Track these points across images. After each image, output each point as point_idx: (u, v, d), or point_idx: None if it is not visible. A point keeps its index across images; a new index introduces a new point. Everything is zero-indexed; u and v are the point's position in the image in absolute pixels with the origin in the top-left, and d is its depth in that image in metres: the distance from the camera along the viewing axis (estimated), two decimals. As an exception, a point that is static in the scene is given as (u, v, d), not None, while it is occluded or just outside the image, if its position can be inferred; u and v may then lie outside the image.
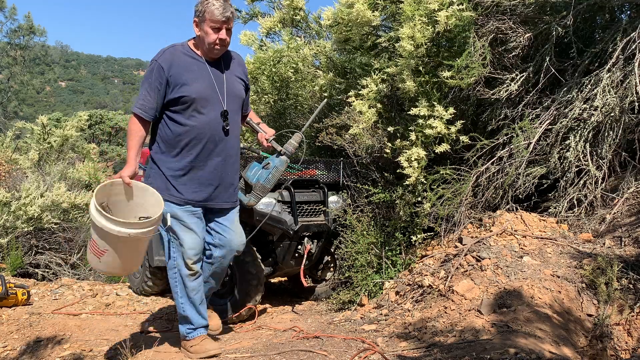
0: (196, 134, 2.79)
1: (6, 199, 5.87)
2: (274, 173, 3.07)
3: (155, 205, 2.66)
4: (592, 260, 3.03)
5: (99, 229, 2.50)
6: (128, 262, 2.68)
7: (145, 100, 2.76)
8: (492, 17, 3.88)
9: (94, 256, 2.62)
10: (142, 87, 2.79)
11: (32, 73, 28.28)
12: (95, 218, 2.49)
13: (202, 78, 2.81)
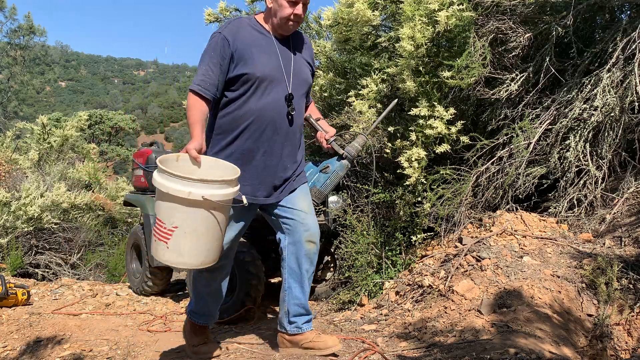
0: (255, 118, 2.48)
1: (6, 199, 5.87)
2: (332, 178, 2.76)
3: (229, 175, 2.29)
4: (592, 260, 3.03)
5: (166, 197, 2.12)
6: (204, 243, 2.21)
7: (206, 76, 2.45)
8: (492, 17, 3.88)
9: (159, 243, 2.19)
10: (201, 63, 2.48)
11: (32, 73, 28.30)
12: (161, 183, 2.11)
13: (268, 55, 2.51)
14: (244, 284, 3.45)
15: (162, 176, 2.13)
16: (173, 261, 2.20)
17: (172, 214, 2.12)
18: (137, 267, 4.73)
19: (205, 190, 2.09)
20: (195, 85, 2.45)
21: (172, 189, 2.08)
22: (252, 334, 3.26)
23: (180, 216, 2.12)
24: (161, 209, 2.16)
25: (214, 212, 2.16)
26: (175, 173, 2.09)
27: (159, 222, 2.17)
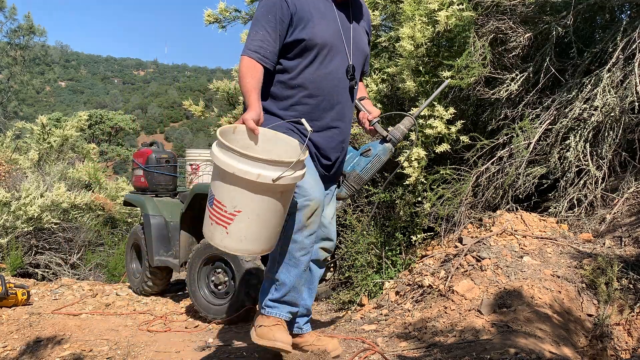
0: (311, 90, 2.25)
1: (6, 199, 5.87)
2: (374, 162, 2.48)
3: (292, 153, 2.07)
4: (592, 260, 3.03)
5: (229, 177, 1.90)
6: (268, 228, 2.01)
7: (264, 42, 2.18)
8: (492, 17, 3.88)
9: (217, 227, 1.98)
10: (256, 26, 2.21)
11: (32, 73, 28.31)
12: (225, 162, 1.90)
13: (328, 21, 2.27)
14: (244, 284, 3.45)
15: (225, 154, 1.90)
16: (232, 247, 2.02)
17: (235, 197, 1.92)
18: (137, 267, 4.73)
19: (276, 172, 1.88)
20: (251, 52, 2.18)
21: (238, 170, 1.86)
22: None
23: (245, 200, 1.91)
24: (222, 190, 1.94)
25: (281, 195, 1.97)
26: (243, 152, 1.87)
27: (217, 204, 1.95)
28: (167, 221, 4.41)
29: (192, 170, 4.80)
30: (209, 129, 7.90)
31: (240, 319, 3.52)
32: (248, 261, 3.48)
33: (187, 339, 3.21)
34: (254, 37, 2.20)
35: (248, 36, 2.23)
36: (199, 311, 3.66)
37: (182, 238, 4.10)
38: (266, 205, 1.95)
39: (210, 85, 7.22)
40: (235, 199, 1.93)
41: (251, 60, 2.18)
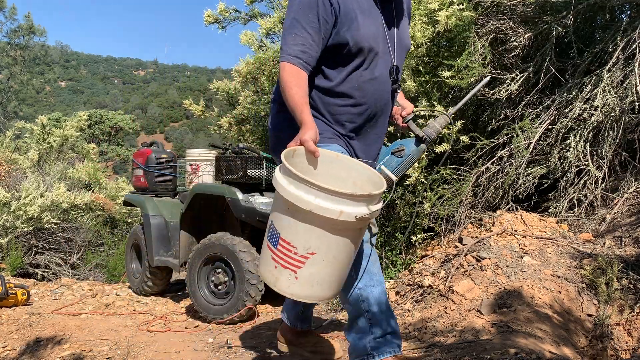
0: (357, 100, 2.04)
1: (6, 199, 5.87)
2: (406, 163, 2.28)
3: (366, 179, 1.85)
4: (592, 260, 3.03)
5: (304, 215, 1.64)
6: (343, 270, 1.78)
7: (306, 46, 1.91)
8: (492, 17, 3.88)
9: (284, 271, 1.72)
10: (294, 27, 1.92)
11: (32, 73, 28.33)
12: (299, 196, 1.63)
13: (373, 19, 2.01)
14: (244, 284, 3.45)
15: (298, 186, 1.64)
16: (301, 294, 1.74)
17: (309, 237, 1.66)
18: (136, 267, 4.73)
19: (359, 207, 1.64)
20: (293, 58, 1.90)
21: (316, 207, 1.60)
22: (252, 334, 3.26)
23: (321, 240, 1.66)
24: (292, 229, 1.68)
25: (360, 231, 1.75)
26: (323, 185, 1.60)
27: (285, 245, 1.69)
28: (167, 221, 4.41)
29: (192, 170, 4.80)
30: (209, 129, 7.90)
31: (241, 318, 3.52)
32: (248, 261, 3.48)
33: (187, 339, 3.21)
34: (294, 40, 1.91)
35: (284, 38, 1.95)
36: (199, 311, 3.66)
37: (182, 238, 4.10)
38: (343, 245, 1.70)
39: (210, 85, 7.22)
40: (309, 240, 1.67)
41: (294, 67, 1.90)
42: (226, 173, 3.82)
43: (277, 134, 2.10)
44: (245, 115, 6.19)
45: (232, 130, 6.48)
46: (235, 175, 3.74)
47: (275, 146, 2.11)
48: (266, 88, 5.50)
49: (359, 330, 1.95)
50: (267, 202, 3.67)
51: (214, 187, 3.97)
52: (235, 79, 6.22)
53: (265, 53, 5.44)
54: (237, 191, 3.64)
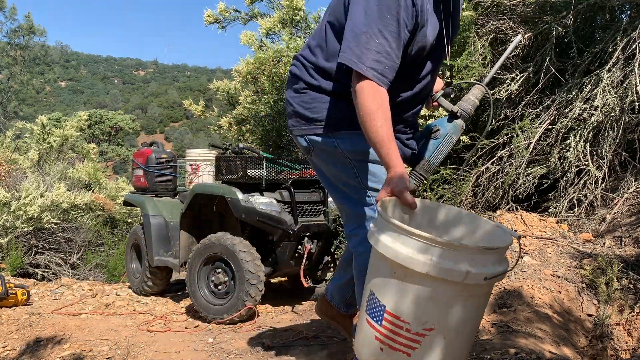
0: (409, 106, 1.91)
1: (6, 199, 5.88)
2: (445, 144, 2.02)
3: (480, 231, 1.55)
4: (592, 260, 3.03)
5: (418, 280, 1.33)
6: (468, 344, 1.47)
7: (387, 57, 1.62)
8: (492, 16, 3.88)
9: (392, 352, 1.40)
10: (370, 33, 1.62)
11: (32, 73, 28.35)
12: (410, 256, 1.33)
13: (436, 15, 1.79)
14: (244, 284, 3.45)
15: (406, 242, 1.34)
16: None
17: (426, 308, 1.34)
18: (136, 267, 4.73)
19: (486, 265, 1.32)
20: (373, 73, 1.61)
21: (435, 268, 1.29)
22: (252, 334, 3.26)
23: (441, 311, 1.34)
24: (401, 300, 1.36)
25: (487, 294, 1.45)
26: (442, 240, 1.30)
27: (394, 320, 1.36)
28: (167, 221, 4.41)
29: (192, 170, 4.80)
30: (209, 129, 7.90)
31: (241, 318, 3.52)
32: (248, 261, 3.48)
33: (187, 339, 3.21)
34: (369, 48, 1.61)
35: (353, 41, 1.64)
36: (199, 311, 3.66)
37: (182, 238, 4.10)
38: (469, 315, 1.38)
39: (210, 85, 7.22)
40: (426, 312, 1.34)
41: (373, 85, 1.61)
42: (226, 173, 3.82)
43: (305, 113, 1.91)
44: (245, 115, 6.20)
45: (232, 130, 6.48)
46: (235, 175, 3.74)
47: (297, 126, 1.95)
48: (266, 88, 5.50)
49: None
50: (266, 202, 3.67)
51: (214, 187, 3.97)
52: (235, 79, 6.22)
53: (265, 53, 5.45)
54: (237, 191, 3.64)
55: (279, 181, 3.80)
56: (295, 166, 3.94)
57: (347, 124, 1.84)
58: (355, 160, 1.88)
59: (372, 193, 1.86)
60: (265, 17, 6.27)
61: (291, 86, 2.00)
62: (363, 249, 1.82)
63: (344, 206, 1.98)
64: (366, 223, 1.86)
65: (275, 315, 3.79)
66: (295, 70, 1.99)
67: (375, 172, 1.87)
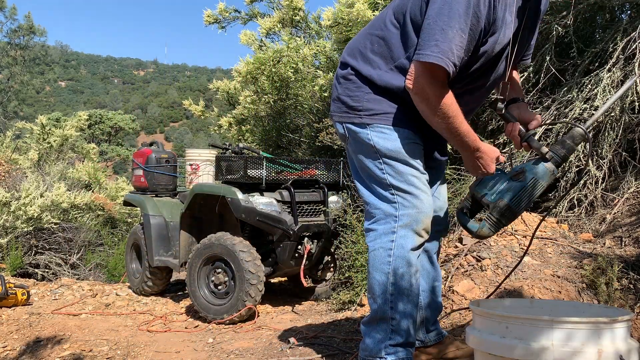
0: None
1: (6, 199, 5.88)
2: (529, 189, 1.85)
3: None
4: (592, 260, 3.03)
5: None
6: None
7: (457, 46, 1.64)
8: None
9: None
10: (448, 22, 1.63)
11: (32, 73, 28.36)
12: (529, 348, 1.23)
13: (513, 16, 1.77)
14: (244, 284, 3.45)
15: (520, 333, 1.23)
16: None
17: None
18: (136, 267, 4.73)
19: (616, 340, 1.19)
20: (442, 58, 1.63)
21: (559, 352, 1.16)
22: (252, 334, 3.26)
23: None
24: None
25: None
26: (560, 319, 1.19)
27: None
28: (167, 221, 4.41)
29: (192, 170, 4.80)
30: (209, 129, 7.91)
31: (241, 319, 3.52)
32: (248, 261, 3.48)
33: (187, 339, 3.21)
34: (444, 37, 1.64)
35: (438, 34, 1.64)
36: (199, 311, 3.66)
37: (182, 238, 4.10)
38: None
39: (210, 85, 7.23)
40: None
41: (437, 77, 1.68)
42: (226, 173, 3.82)
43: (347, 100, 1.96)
44: (245, 115, 6.20)
45: (232, 130, 6.48)
46: (235, 175, 3.74)
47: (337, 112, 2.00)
48: (266, 88, 5.50)
49: (378, 331, 1.91)
50: (266, 202, 3.67)
51: (214, 187, 3.97)
52: (235, 79, 6.23)
53: (265, 53, 5.45)
54: (237, 191, 3.64)
55: (279, 181, 3.80)
56: (295, 166, 3.94)
57: (383, 118, 1.88)
58: (384, 156, 1.89)
59: (396, 192, 1.88)
60: (265, 17, 6.28)
61: (340, 71, 2.02)
62: (379, 246, 1.88)
63: (366, 199, 1.98)
64: (384, 219, 1.88)
65: (275, 315, 3.79)
66: (345, 57, 2.01)
67: (402, 172, 1.88)
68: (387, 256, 1.85)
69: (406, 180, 1.87)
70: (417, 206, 1.86)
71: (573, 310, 1.53)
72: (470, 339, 1.38)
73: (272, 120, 5.77)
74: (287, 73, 5.32)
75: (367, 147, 1.91)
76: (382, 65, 1.88)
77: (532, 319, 1.22)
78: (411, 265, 1.86)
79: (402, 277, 1.85)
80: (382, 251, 1.86)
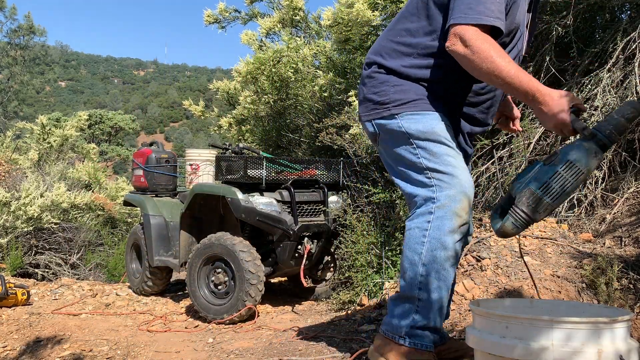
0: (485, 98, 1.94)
1: (6, 199, 5.88)
2: (562, 174, 1.57)
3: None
4: (592, 260, 3.03)
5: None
6: None
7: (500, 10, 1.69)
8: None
9: None
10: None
11: (32, 73, 28.34)
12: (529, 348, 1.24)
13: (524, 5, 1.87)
14: (244, 284, 3.45)
15: (519, 333, 1.25)
16: None
17: None
18: (136, 267, 4.73)
19: (616, 340, 1.20)
20: (489, 18, 1.64)
21: (559, 352, 1.17)
22: (252, 334, 3.26)
23: None
24: None
25: None
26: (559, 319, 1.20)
27: None
28: (167, 221, 4.41)
29: (192, 170, 4.80)
30: (209, 129, 7.91)
31: (241, 318, 3.52)
32: (248, 261, 3.48)
33: (187, 339, 3.21)
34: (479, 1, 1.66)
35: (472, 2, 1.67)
36: (199, 311, 3.66)
37: (182, 238, 4.10)
38: None
39: (210, 85, 7.22)
40: None
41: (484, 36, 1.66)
42: (226, 173, 3.82)
43: (373, 97, 1.96)
44: (245, 115, 6.20)
45: (232, 130, 6.48)
46: (235, 175, 3.74)
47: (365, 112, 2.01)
48: (266, 88, 5.50)
49: (403, 309, 1.87)
50: (266, 202, 3.67)
51: (214, 187, 3.97)
52: (235, 79, 6.23)
53: (265, 53, 5.45)
54: (237, 191, 3.64)
55: (279, 181, 3.80)
56: (295, 166, 3.94)
57: (411, 106, 1.88)
58: (417, 139, 1.87)
59: (432, 174, 1.83)
60: (265, 17, 6.28)
61: (364, 72, 2.05)
62: (415, 225, 1.84)
63: (405, 190, 1.94)
64: (424, 205, 1.83)
65: (275, 315, 3.79)
66: (369, 57, 2.04)
67: (437, 152, 1.85)
68: (422, 236, 1.80)
69: (442, 161, 1.83)
70: (455, 186, 1.79)
71: (573, 310, 1.53)
72: (470, 339, 1.37)
73: (272, 120, 5.78)
74: (287, 73, 5.32)
75: (398, 135, 1.90)
76: (407, 55, 1.91)
77: (532, 319, 1.23)
78: (446, 248, 1.78)
79: (435, 259, 1.78)
80: (417, 231, 1.82)
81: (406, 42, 1.92)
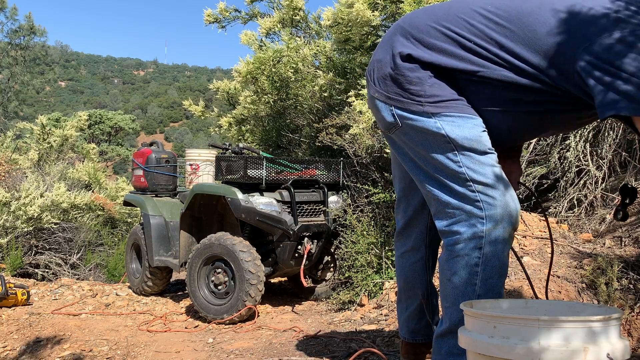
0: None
1: (6, 199, 5.88)
2: None
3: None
4: (592, 260, 3.03)
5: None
6: None
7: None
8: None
9: None
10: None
11: (32, 73, 28.33)
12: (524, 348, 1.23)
13: None
14: (244, 284, 3.45)
15: (509, 332, 1.24)
16: None
17: None
18: (136, 267, 4.74)
19: (603, 339, 1.20)
20: None
21: (544, 350, 1.17)
22: (252, 334, 3.26)
23: None
24: None
25: None
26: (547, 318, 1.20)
27: None
28: (167, 221, 4.41)
29: (192, 170, 4.80)
30: (209, 129, 7.91)
31: (241, 319, 3.52)
32: (248, 261, 3.48)
33: (187, 339, 3.21)
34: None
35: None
36: (199, 311, 3.66)
37: (182, 238, 4.10)
38: None
39: (210, 85, 7.22)
40: None
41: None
42: (226, 173, 3.82)
43: (400, 79, 1.68)
44: (245, 115, 6.20)
45: (232, 130, 6.48)
46: (235, 175, 3.74)
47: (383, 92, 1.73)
48: (266, 88, 5.50)
49: (449, 345, 1.71)
50: (266, 202, 3.67)
51: (214, 187, 3.97)
52: (235, 79, 6.22)
53: (265, 53, 5.45)
54: (237, 191, 3.64)
55: (279, 181, 3.80)
56: (295, 166, 3.94)
57: (451, 105, 1.65)
58: (460, 147, 1.63)
59: (477, 187, 1.62)
60: (265, 17, 6.28)
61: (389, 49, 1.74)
62: (464, 253, 1.64)
63: (436, 195, 1.69)
64: (467, 221, 1.62)
65: (275, 315, 3.79)
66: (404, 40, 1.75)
67: (483, 162, 1.63)
68: (475, 265, 1.62)
69: (489, 173, 1.62)
70: (505, 203, 1.61)
71: (567, 310, 1.49)
72: (462, 340, 1.37)
73: (272, 120, 5.77)
74: (287, 73, 5.32)
75: (436, 137, 1.65)
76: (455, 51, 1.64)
77: (519, 319, 1.22)
78: (502, 275, 1.65)
79: (492, 288, 1.63)
80: (467, 259, 1.62)
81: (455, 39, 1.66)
